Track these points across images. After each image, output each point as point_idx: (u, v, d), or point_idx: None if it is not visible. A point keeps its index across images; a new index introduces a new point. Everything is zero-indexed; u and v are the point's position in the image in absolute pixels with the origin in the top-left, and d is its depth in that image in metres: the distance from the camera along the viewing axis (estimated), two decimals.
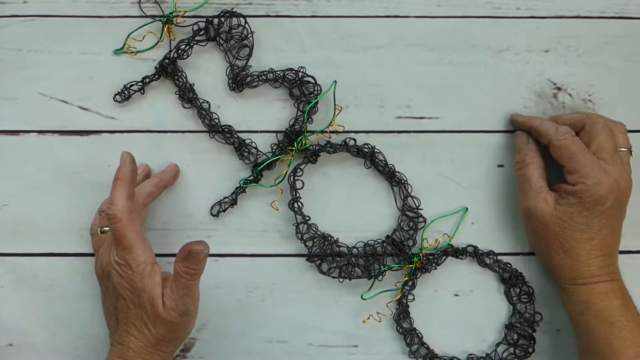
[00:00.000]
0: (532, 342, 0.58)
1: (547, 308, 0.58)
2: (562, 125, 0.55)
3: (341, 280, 0.57)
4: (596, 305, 0.52)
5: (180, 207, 0.59)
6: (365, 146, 0.58)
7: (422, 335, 0.58)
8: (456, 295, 0.59)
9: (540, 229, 0.54)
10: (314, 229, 0.58)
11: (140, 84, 0.58)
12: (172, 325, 0.50)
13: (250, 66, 0.59)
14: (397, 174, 0.59)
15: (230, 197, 0.58)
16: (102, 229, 0.54)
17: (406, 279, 0.58)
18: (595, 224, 0.52)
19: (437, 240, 0.59)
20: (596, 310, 0.52)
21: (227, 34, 0.59)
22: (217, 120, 0.59)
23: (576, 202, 0.52)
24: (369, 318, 0.58)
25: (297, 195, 0.58)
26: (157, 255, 0.57)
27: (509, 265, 0.59)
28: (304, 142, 0.57)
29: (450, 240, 0.59)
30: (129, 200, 0.50)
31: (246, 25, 0.58)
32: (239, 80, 0.58)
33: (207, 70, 0.60)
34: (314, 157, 0.58)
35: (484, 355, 0.58)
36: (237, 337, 0.58)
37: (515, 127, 0.59)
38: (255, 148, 0.59)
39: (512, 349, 0.58)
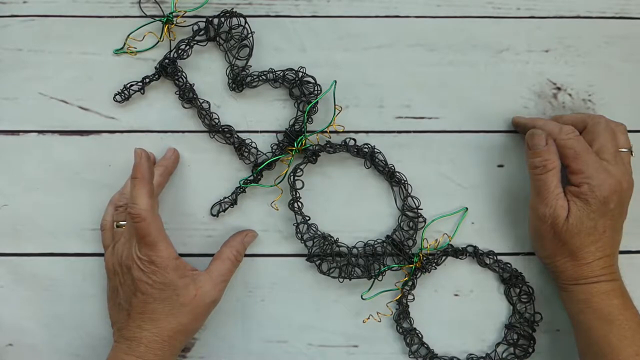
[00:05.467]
0: (532, 342, 0.58)
1: (547, 308, 0.58)
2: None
3: (341, 280, 0.57)
4: (596, 304, 0.52)
5: (180, 207, 0.59)
6: (365, 146, 0.58)
7: (422, 335, 0.58)
8: (456, 295, 0.59)
9: (551, 234, 0.53)
10: (314, 229, 0.58)
11: (140, 84, 0.58)
12: (198, 314, 0.52)
13: (250, 66, 0.59)
14: (397, 174, 0.59)
15: (230, 197, 0.58)
16: (118, 223, 0.55)
17: (406, 279, 0.58)
18: (600, 225, 0.52)
19: (437, 240, 0.59)
20: (596, 309, 0.52)
21: (227, 34, 0.58)
22: (217, 120, 0.59)
23: (583, 205, 0.52)
24: (369, 318, 0.58)
25: (297, 195, 0.58)
26: None
27: (508, 265, 0.59)
28: (304, 142, 0.57)
29: (450, 240, 0.59)
30: (150, 198, 0.51)
31: (246, 25, 0.58)
32: (239, 80, 0.58)
33: (207, 70, 0.60)
34: (314, 157, 0.58)
35: (484, 355, 0.58)
36: (237, 337, 0.58)
37: (518, 129, 0.59)
38: (255, 148, 0.59)
39: (512, 349, 0.58)
